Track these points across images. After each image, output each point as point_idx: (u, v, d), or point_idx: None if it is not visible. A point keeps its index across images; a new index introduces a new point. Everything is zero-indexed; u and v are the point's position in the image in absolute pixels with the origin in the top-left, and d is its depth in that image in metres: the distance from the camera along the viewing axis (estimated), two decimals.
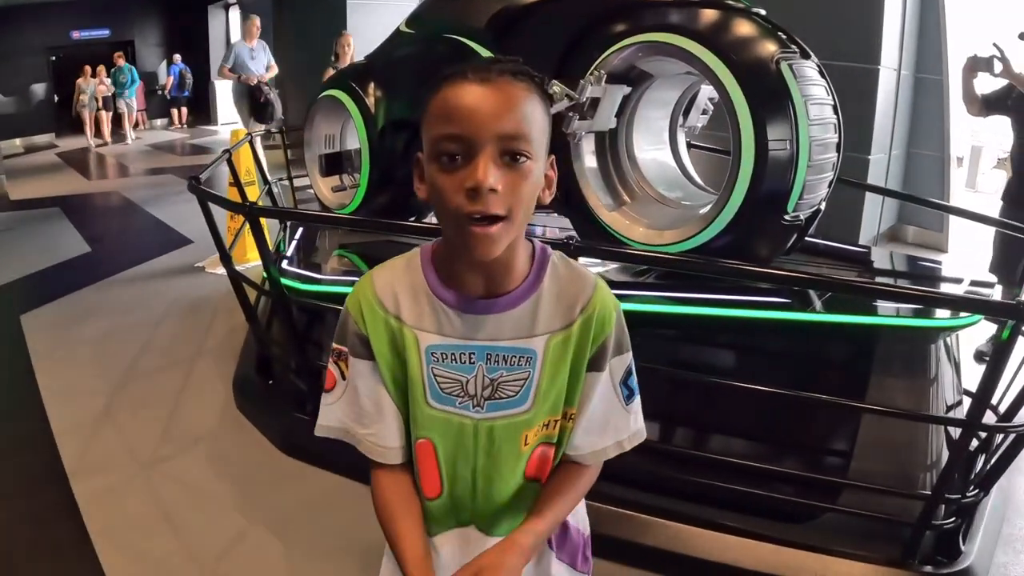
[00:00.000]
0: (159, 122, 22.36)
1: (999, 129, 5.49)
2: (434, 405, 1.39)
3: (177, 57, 21.51)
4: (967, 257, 7.37)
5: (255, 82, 9.73)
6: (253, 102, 9.79)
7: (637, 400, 1.48)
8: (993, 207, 5.34)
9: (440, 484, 1.44)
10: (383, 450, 1.43)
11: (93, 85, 18.47)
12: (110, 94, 18.69)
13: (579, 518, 1.61)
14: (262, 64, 10.04)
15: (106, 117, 18.81)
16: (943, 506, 2.84)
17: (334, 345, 1.43)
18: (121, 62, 19.34)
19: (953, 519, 2.89)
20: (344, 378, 1.42)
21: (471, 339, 1.35)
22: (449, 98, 1.22)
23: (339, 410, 1.44)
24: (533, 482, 1.46)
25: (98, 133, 18.68)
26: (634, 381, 1.47)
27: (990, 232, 5.13)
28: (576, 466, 1.47)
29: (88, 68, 18.69)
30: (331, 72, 8.73)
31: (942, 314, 3.06)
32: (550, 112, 1.29)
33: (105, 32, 22.66)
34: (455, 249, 1.31)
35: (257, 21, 10.21)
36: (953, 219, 7.75)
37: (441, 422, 1.39)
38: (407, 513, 1.42)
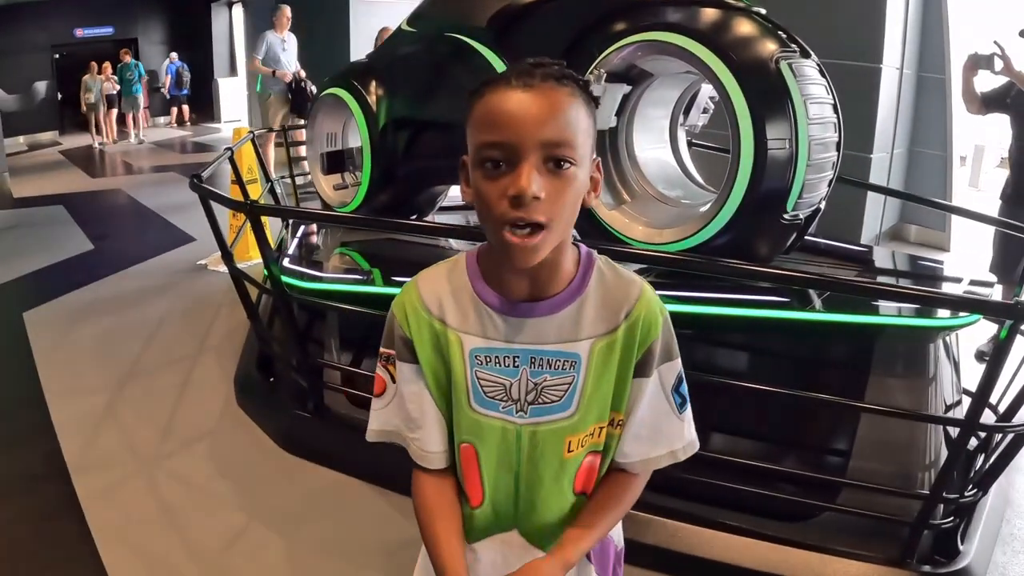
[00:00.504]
0: (162, 120, 22.32)
1: (1002, 128, 5.48)
2: (478, 409, 1.38)
3: (174, 55, 21.32)
4: (969, 257, 7.37)
5: (290, 78, 9.36)
6: (295, 97, 9.39)
7: (689, 409, 1.46)
8: (996, 206, 5.33)
9: (482, 491, 1.43)
10: (426, 455, 1.42)
11: (100, 82, 17.88)
12: (115, 91, 18.29)
13: (615, 530, 1.59)
14: (294, 56, 9.65)
15: (111, 115, 18.50)
16: (941, 506, 2.85)
17: (382, 349, 1.43)
18: (128, 58, 18.92)
19: (951, 519, 2.89)
20: (394, 382, 1.42)
21: (515, 342, 1.35)
22: (493, 104, 1.21)
23: (390, 413, 1.44)
24: (580, 496, 1.44)
25: (102, 131, 18.36)
26: (685, 389, 1.45)
27: (992, 231, 5.13)
28: (624, 476, 1.45)
29: (95, 64, 18.13)
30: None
31: (942, 314, 3.06)
32: (595, 115, 1.28)
33: (109, 30, 22.69)
34: (499, 254, 1.29)
35: (287, 11, 9.63)
36: (955, 218, 7.74)
37: (484, 427, 1.38)
38: (447, 517, 1.42)
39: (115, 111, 18.61)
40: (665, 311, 1.40)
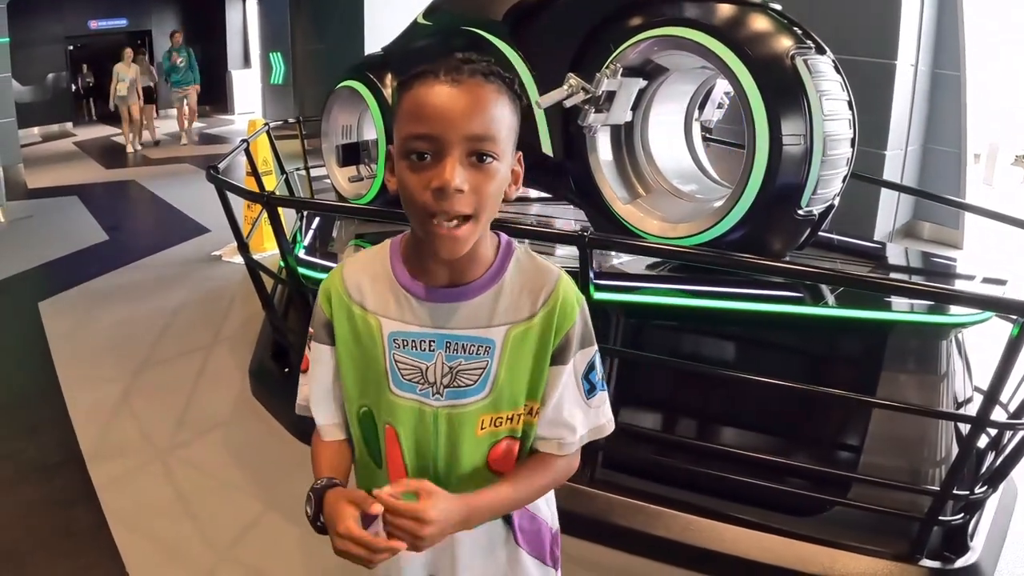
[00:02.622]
0: (173, 111, 22.33)
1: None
2: (396, 392, 1.42)
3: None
4: (983, 254, 7.35)
5: None
6: None
7: (601, 395, 1.48)
8: (1009, 203, 5.31)
9: (405, 469, 1.46)
10: (324, 427, 1.53)
11: (134, 72, 15.14)
12: (152, 83, 16.11)
13: (549, 513, 1.62)
14: None
15: (149, 111, 15.99)
16: (951, 502, 2.86)
17: (309, 329, 1.51)
18: (179, 40, 16.01)
19: (961, 515, 2.90)
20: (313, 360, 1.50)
21: (431, 327, 1.39)
22: (420, 97, 1.25)
23: (306, 390, 1.53)
24: (499, 476, 1.47)
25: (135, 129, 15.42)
26: (596, 376, 1.47)
27: (1006, 229, 5.11)
28: (541, 455, 1.48)
29: (130, 51, 15.40)
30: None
31: (954, 310, 3.07)
32: (519, 111, 1.33)
33: (123, 22, 22.73)
34: (421, 241, 1.34)
35: None
36: (969, 216, 7.72)
37: (404, 409, 1.42)
38: (329, 455, 1.52)
39: (152, 107, 16.24)
40: (582, 300, 1.44)
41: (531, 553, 1.56)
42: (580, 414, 1.45)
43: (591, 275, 2.92)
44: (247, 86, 21.21)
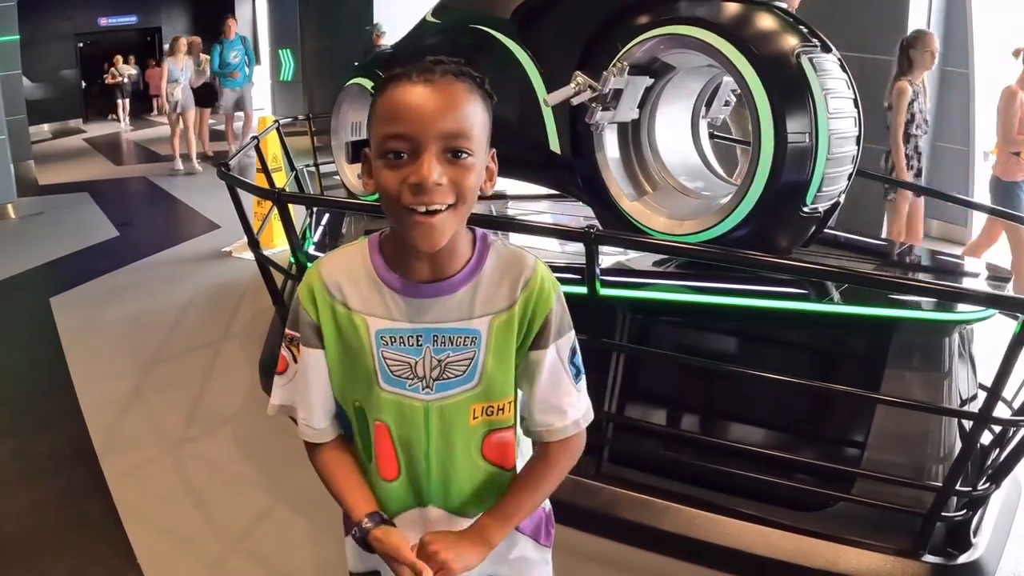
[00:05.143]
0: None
1: None
2: (386, 388, 1.44)
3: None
4: (991, 252, 7.34)
5: None
6: None
7: (584, 379, 1.51)
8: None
9: (397, 466, 1.49)
10: (314, 431, 1.51)
11: (189, 69, 11.94)
12: (200, 83, 12.33)
13: None
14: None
15: (204, 118, 12.84)
16: (955, 498, 2.87)
17: (287, 330, 1.50)
18: (233, 30, 12.55)
19: (964, 511, 2.92)
20: (296, 362, 1.49)
21: (417, 322, 1.41)
22: (395, 98, 1.30)
23: (290, 391, 1.51)
24: (494, 467, 1.51)
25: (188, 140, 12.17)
26: (579, 360, 1.50)
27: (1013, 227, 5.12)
28: (543, 453, 1.52)
29: (183, 42, 12.08)
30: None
31: (958, 307, 3.08)
32: (490, 109, 1.37)
33: (132, 19, 22.83)
34: (401, 238, 1.37)
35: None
36: (977, 213, 7.70)
37: (394, 404, 1.44)
38: (346, 470, 1.52)
39: (208, 111, 13.00)
40: (558, 286, 1.47)
41: (527, 534, 1.60)
42: (571, 398, 1.48)
43: (597, 271, 2.94)
44: (257, 83, 21.27)
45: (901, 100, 5.71)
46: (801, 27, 3.39)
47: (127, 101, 20.53)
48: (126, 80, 20.58)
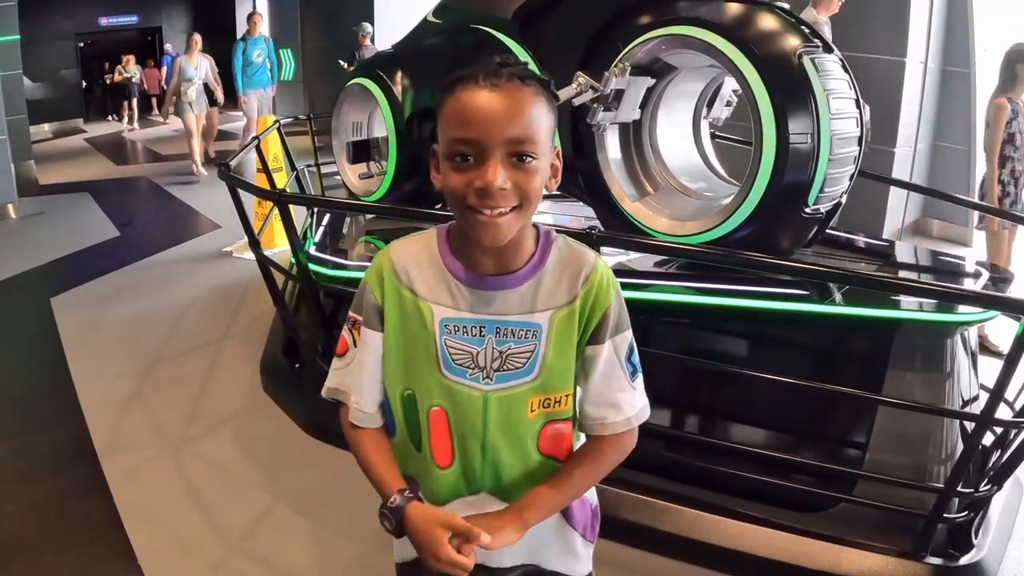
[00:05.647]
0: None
1: None
2: (448, 376, 1.47)
3: (169, 47, 20.92)
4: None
5: None
6: None
7: (640, 377, 1.54)
8: None
9: (452, 453, 1.51)
10: (365, 415, 1.54)
11: (204, 68, 11.36)
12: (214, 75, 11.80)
13: (589, 490, 1.68)
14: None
15: (213, 120, 12.13)
16: (956, 499, 2.87)
17: (351, 314, 1.53)
18: (259, 27, 11.88)
19: (966, 512, 2.91)
20: (355, 345, 1.52)
21: (482, 313, 1.45)
22: (462, 102, 1.32)
23: (346, 374, 1.54)
24: (548, 459, 1.53)
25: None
26: (636, 358, 1.53)
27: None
28: (593, 444, 1.54)
29: (198, 39, 11.45)
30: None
31: (960, 308, 3.08)
32: (555, 110, 1.39)
33: (133, 19, 22.83)
34: (467, 233, 1.41)
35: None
36: (978, 214, 7.69)
37: (453, 393, 1.47)
38: (382, 449, 1.55)
39: (216, 110, 12.08)
40: (617, 284, 1.50)
41: (578, 529, 1.63)
42: (625, 395, 1.51)
43: None
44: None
45: (999, 117, 5.20)
46: (803, 27, 3.40)
47: (134, 101, 20.38)
48: (134, 80, 20.51)
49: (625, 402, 1.50)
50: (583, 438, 1.58)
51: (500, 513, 1.45)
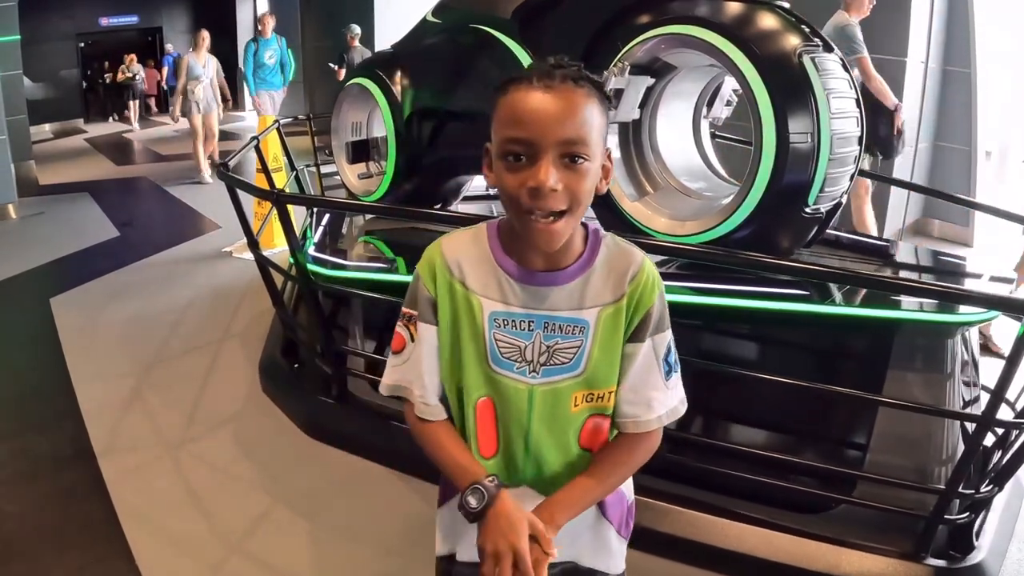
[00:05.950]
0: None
1: None
2: (495, 369, 1.50)
3: (169, 47, 20.97)
4: (993, 253, 7.32)
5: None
6: None
7: (676, 376, 1.56)
8: (1020, 201, 5.27)
9: (496, 443, 1.55)
10: (429, 407, 1.56)
11: (211, 66, 10.92)
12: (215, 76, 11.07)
13: (626, 485, 1.69)
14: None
15: (211, 123, 11.04)
16: (957, 501, 2.86)
17: (404, 309, 1.55)
18: (270, 28, 11.48)
19: (967, 514, 2.90)
20: (413, 340, 1.54)
21: (531, 308, 1.47)
22: (516, 102, 1.35)
23: (405, 370, 1.55)
24: (587, 452, 1.56)
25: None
26: (673, 357, 1.55)
27: (1016, 228, 5.10)
28: (624, 440, 1.56)
29: (205, 35, 10.99)
30: None
31: (961, 309, 3.07)
32: (607, 112, 1.42)
33: (133, 19, 22.83)
34: (517, 231, 1.43)
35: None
36: (979, 214, 7.69)
37: (500, 384, 1.50)
38: (454, 438, 1.56)
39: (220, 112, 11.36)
40: (662, 284, 1.53)
41: (614, 525, 1.65)
42: (658, 394, 1.53)
43: None
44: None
45: None
46: (803, 27, 3.39)
47: (137, 102, 20.42)
48: (137, 79, 20.54)
49: (657, 400, 1.52)
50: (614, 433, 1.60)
51: (530, 514, 1.46)
